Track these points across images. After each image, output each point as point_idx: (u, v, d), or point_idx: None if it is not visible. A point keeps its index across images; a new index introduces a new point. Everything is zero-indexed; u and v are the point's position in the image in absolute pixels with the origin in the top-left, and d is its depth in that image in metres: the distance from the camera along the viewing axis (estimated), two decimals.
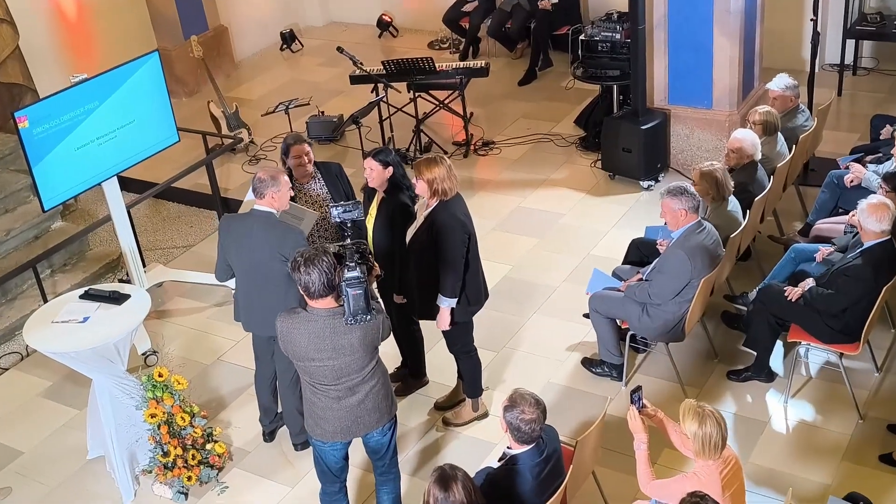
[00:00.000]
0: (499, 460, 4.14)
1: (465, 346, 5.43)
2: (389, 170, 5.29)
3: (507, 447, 4.10)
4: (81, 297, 5.61)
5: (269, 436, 5.64)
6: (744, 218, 5.93)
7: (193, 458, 5.29)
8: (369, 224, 5.38)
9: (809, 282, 5.47)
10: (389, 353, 5.51)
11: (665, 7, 7.49)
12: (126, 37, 9.80)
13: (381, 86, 8.44)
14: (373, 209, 5.41)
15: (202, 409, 5.46)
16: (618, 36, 8.08)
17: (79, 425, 5.87)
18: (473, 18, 10.43)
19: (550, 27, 10.03)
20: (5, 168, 7.69)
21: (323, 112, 9.40)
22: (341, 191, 5.63)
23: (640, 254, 6.13)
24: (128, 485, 5.36)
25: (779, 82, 6.93)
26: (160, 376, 5.19)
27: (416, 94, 8.60)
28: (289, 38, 11.58)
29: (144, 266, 7.09)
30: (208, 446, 5.35)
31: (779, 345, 5.77)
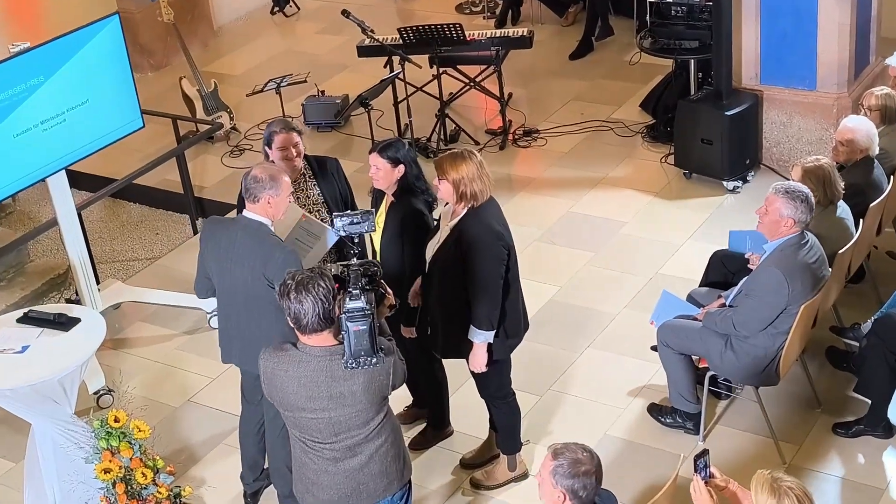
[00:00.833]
0: None
1: (500, 390, 5.41)
2: (400, 169, 5.28)
3: None
4: (20, 320, 5.63)
5: (251, 497, 5.64)
6: (856, 228, 5.89)
7: None
8: (376, 237, 5.39)
9: None
10: (398, 392, 5.49)
11: None
12: None
13: (396, 59, 8.47)
14: (381, 216, 5.41)
15: (168, 464, 5.46)
16: None
17: (14, 483, 5.89)
18: None
19: None
20: None
21: (323, 92, 9.44)
22: (337, 192, 5.63)
23: (724, 271, 6.09)
24: None
25: None
26: (116, 421, 5.20)
27: (441, 71, 8.62)
28: (282, 0, 11.65)
29: (98, 283, 7.13)
30: None
31: None
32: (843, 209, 5.91)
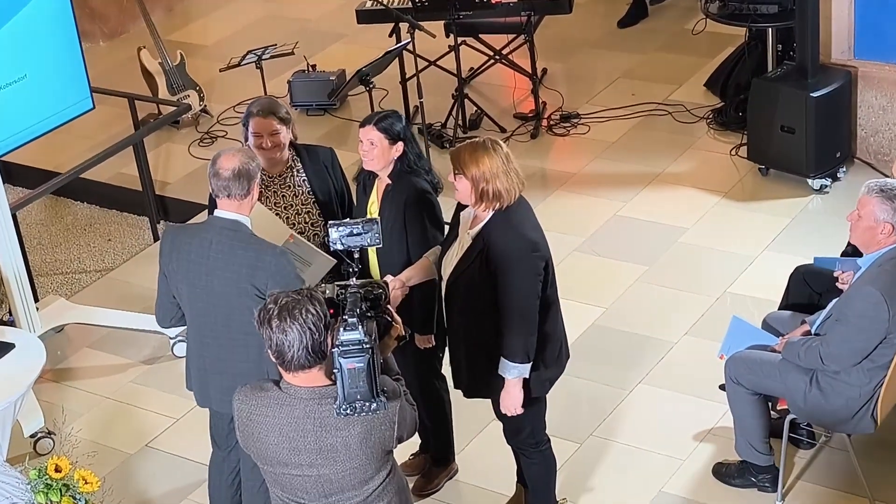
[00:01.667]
0: None
1: (534, 436, 5.39)
2: (399, 147, 5.31)
3: None
4: None
5: None
6: None
7: None
8: None
9: None
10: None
11: None
12: None
13: (404, 27, 8.48)
14: (372, 206, 5.42)
15: None
16: None
17: None
18: None
19: None
20: None
21: (314, 66, 9.45)
22: (331, 190, 5.65)
23: (809, 291, 6.07)
24: None
25: None
26: (58, 471, 5.20)
27: (460, 41, 8.63)
28: None
29: (37, 300, 7.15)
30: None
31: None
32: None
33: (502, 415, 5.25)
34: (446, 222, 5.41)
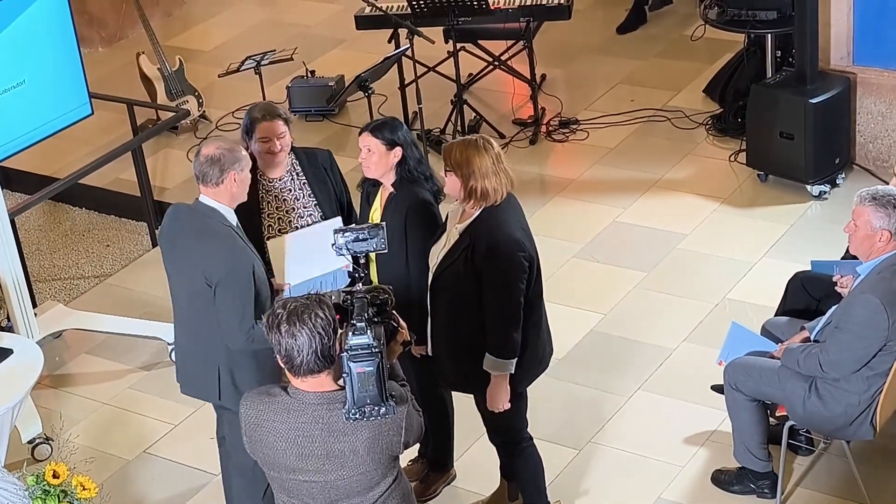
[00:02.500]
0: None
1: (518, 433, 5.44)
2: (397, 152, 5.32)
3: None
4: None
5: None
6: None
7: None
8: None
9: None
10: None
11: None
12: None
13: (403, 32, 8.48)
14: (375, 213, 5.44)
15: None
16: None
17: None
18: None
19: None
20: None
21: (313, 72, 9.46)
22: (332, 192, 5.66)
23: (807, 297, 6.08)
24: None
25: None
26: (55, 477, 5.20)
27: (459, 47, 8.63)
28: None
29: (35, 306, 7.14)
30: None
31: None
32: None
33: (485, 411, 5.29)
34: None
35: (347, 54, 9.97)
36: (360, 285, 4.12)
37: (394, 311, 4.20)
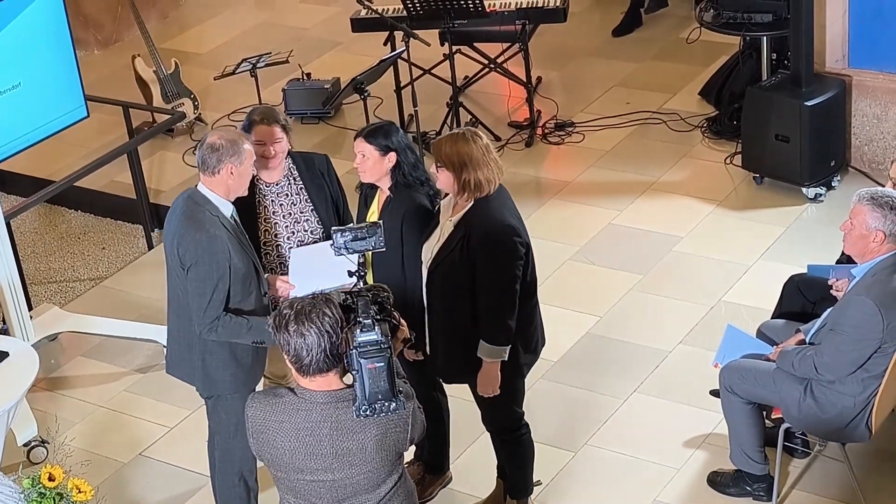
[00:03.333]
0: None
1: (514, 421, 5.46)
2: (391, 157, 5.34)
3: None
4: None
5: None
6: None
7: None
8: None
9: None
10: None
11: None
12: None
13: (399, 35, 8.48)
14: (372, 216, 5.46)
15: None
16: None
17: None
18: None
19: None
20: None
21: (309, 75, 9.45)
22: (328, 197, 5.67)
23: (803, 300, 6.08)
24: None
25: None
26: (51, 480, 5.19)
27: (455, 49, 8.63)
28: None
29: (31, 308, 7.14)
30: None
31: None
32: None
33: (481, 400, 5.33)
34: None
35: (343, 57, 9.97)
36: (361, 285, 4.16)
37: (393, 310, 4.23)
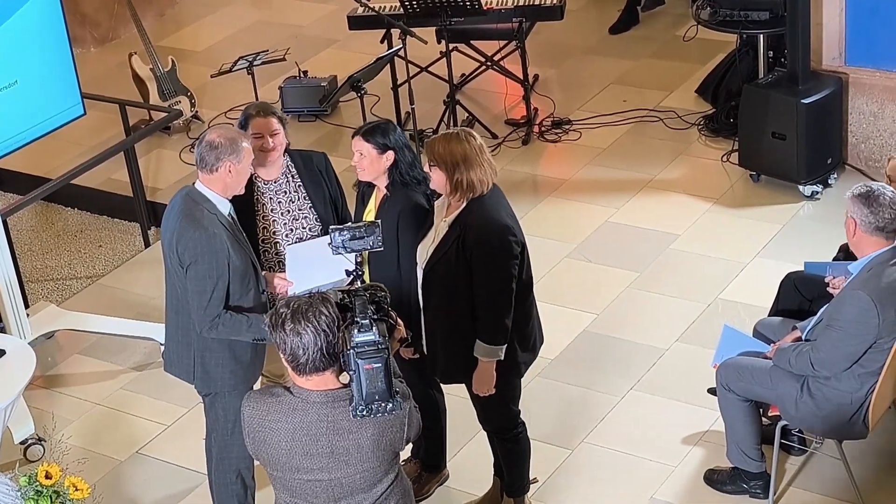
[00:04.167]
0: None
1: (511, 420, 5.46)
2: (389, 156, 5.34)
3: None
4: None
5: None
6: None
7: None
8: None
9: None
10: None
11: None
12: None
13: (396, 33, 8.48)
14: (369, 214, 5.46)
15: None
16: None
17: None
18: None
19: None
20: None
21: (306, 72, 9.45)
22: (327, 195, 5.67)
23: (800, 298, 6.09)
24: None
25: None
26: (48, 478, 5.19)
27: (451, 47, 8.63)
28: None
29: (27, 306, 7.14)
30: None
31: None
32: None
33: (477, 399, 5.34)
34: None
35: (340, 54, 9.97)
36: (358, 284, 4.15)
37: (390, 309, 4.23)
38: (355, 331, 3.96)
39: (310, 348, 3.97)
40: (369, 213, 5.46)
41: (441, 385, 5.73)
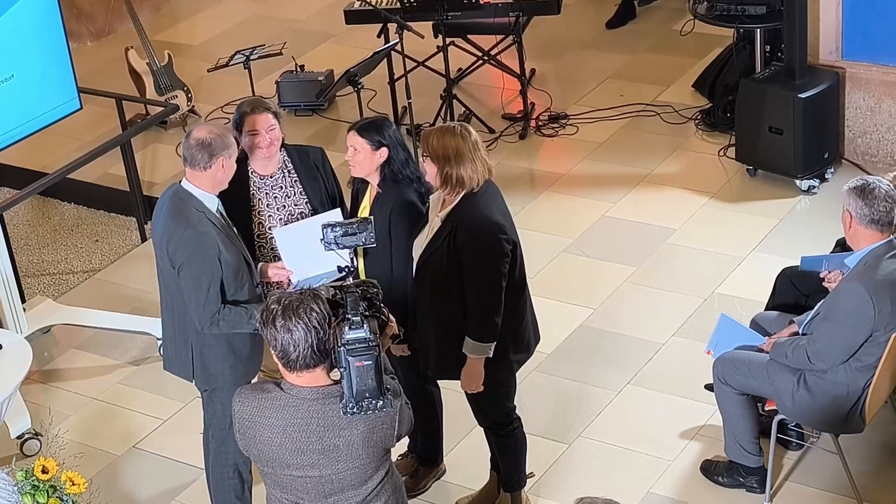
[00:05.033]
0: None
1: (506, 416, 5.47)
2: (383, 153, 5.34)
3: None
4: None
5: None
6: None
7: None
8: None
9: None
10: None
11: None
12: None
13: (393, 27, 8.48)
14: (363, 211, 5.47)
15: None
16: None
17: None
18: None
19: None
20: None
21: (302, 67, 9.45)
22: (323, 190, 5.67)
23: (796, 292, 6.09)
24: None
25: None
26: (45, 472, 5.20)
27: (448, 41, 8.63)
28: None
29: (24, 301, 7.14)
30: None
31: None
32: None
33: (471, 395, 5.34)
34: None
35: (337, 49, 9.97)
36: (350, 280, 4.14)
37: (382, 305, 4.23)
38: (346, 328, 3.95)
39: (300, 345, 3.97)
40: (363, 210, 5.45)
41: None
